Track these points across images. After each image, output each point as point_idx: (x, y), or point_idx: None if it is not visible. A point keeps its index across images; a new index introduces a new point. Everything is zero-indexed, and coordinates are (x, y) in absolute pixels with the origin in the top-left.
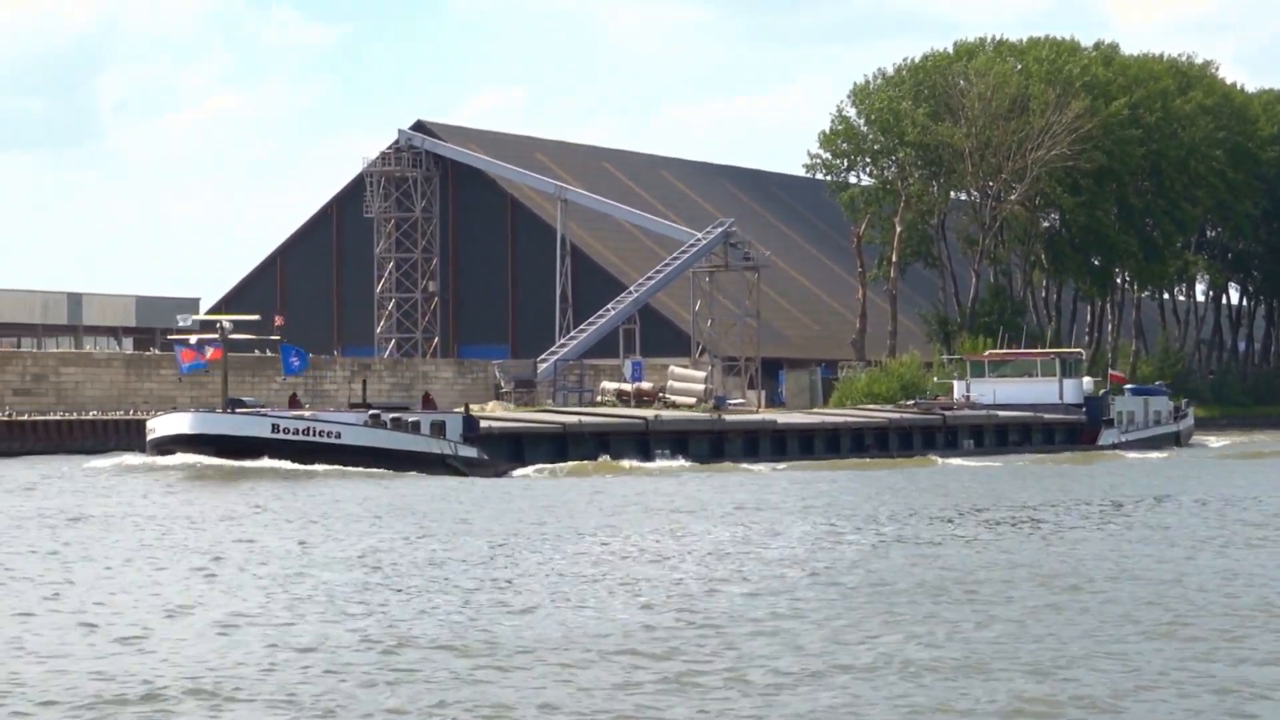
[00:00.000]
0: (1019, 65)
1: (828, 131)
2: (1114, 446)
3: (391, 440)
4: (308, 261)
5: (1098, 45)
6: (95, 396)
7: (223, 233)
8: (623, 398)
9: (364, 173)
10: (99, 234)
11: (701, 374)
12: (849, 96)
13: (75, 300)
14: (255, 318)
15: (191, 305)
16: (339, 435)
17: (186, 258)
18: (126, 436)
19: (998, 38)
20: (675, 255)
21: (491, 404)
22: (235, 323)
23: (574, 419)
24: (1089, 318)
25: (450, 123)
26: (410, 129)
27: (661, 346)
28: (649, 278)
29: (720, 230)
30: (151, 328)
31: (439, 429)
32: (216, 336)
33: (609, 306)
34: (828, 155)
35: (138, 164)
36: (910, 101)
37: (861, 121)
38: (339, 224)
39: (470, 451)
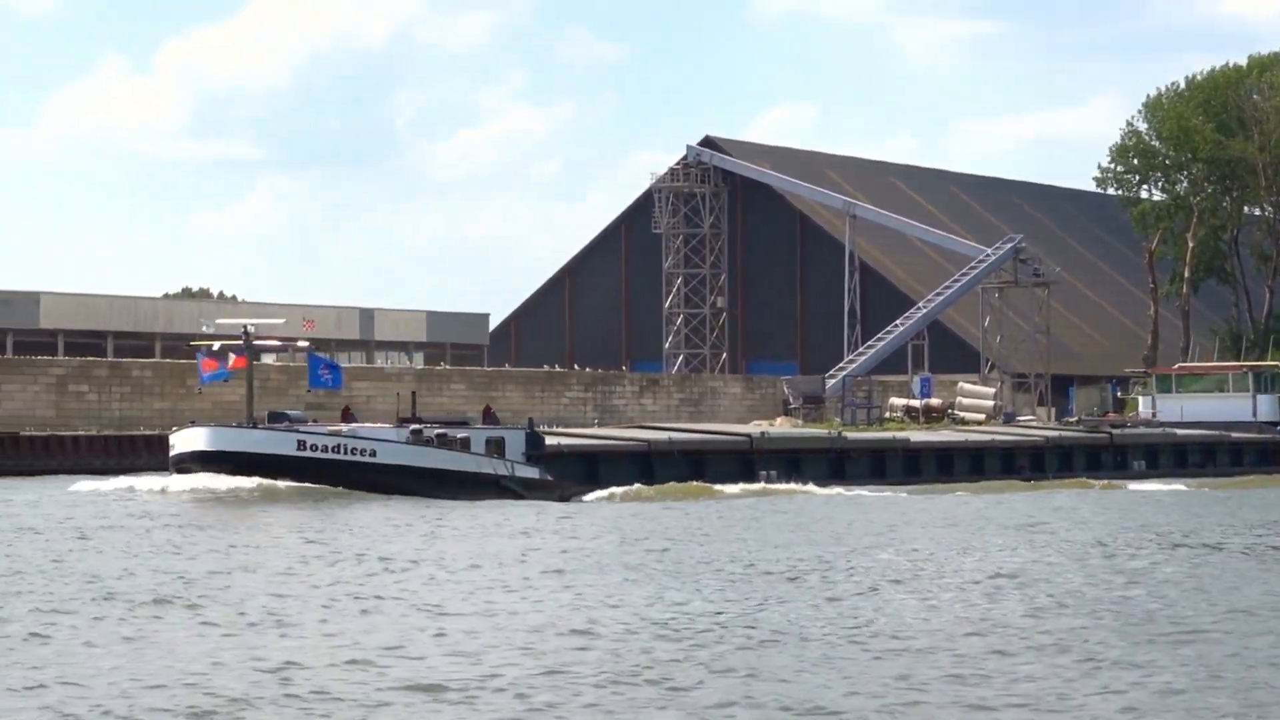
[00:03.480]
0: None
1: (1118, 145)
2: None
3: (435, 459)
4: (596, 277)
5: None
6: (387, 410)
7: (513, 248)
8: (911, 414)
9: (653, 188)
10: (391, 249)
11: (990, 390)
12: (1140, 110)
13: (367, 315)
14: (280, 321)
15: (481, 321)
16: (373, 453)
17: (477, 273)
18: None
19: None
20: (964, 271)
21: (779, 420)
22: (261, 328)
23: (663, 435)
24: None
25: (739, 138)
26: (699, 145)
27: (950, 363)
28: (938, 293)
29: (1010, 246)
30: (442, 343)
31: (496, 446)
32: (240, 343)
33: (897, 322)
34: (1119, 169)
35: (431, 181)
36: (1201, 116)
37: (1153, 136)
38: (628, 240)
39: (531, 472)
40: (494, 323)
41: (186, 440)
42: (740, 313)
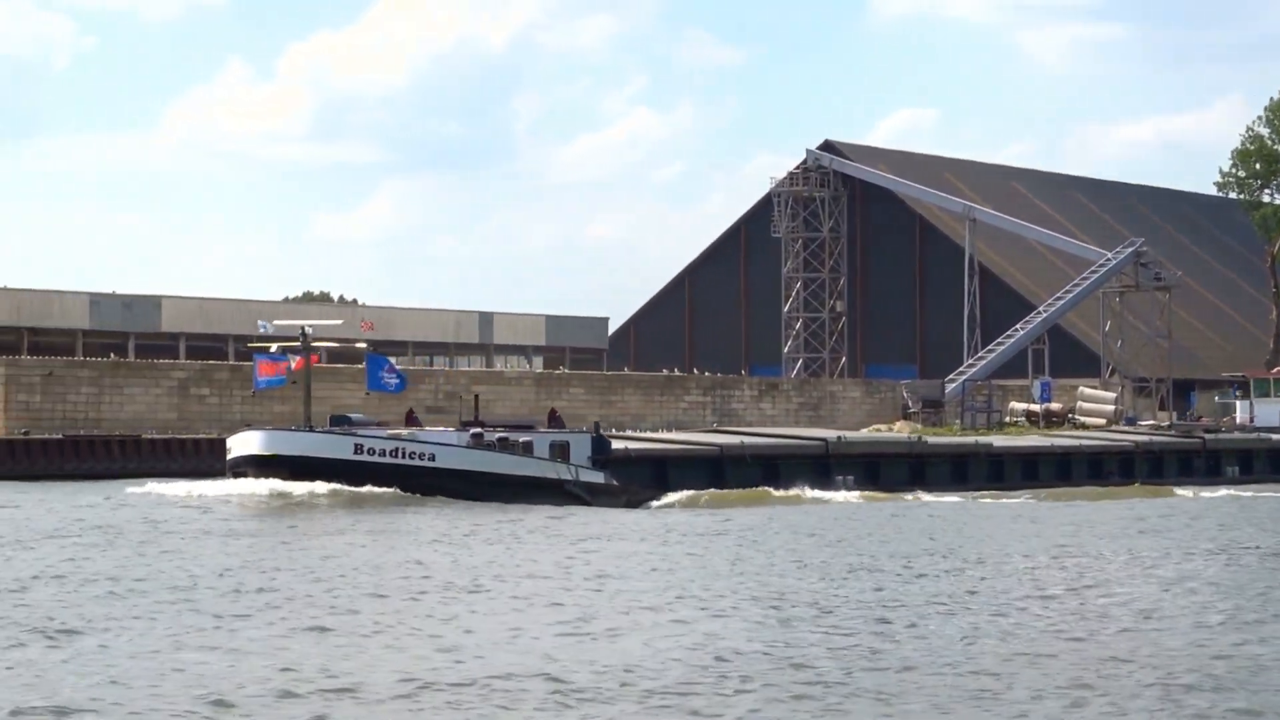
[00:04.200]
0: None
1: (1240, 149)
2: None
3: (496, 463)
4: (716, 281)
5: None
6: (505, 414)
7: (633, 252)
8: (1031, 418)
9: (772, 192)
10: (511, 253)
11: (1111, 395)
12: (1263, 114)
13: (486, 319)
14: (338, 322)
15: (600, 324)
16: (432, 457)
17: (596, 277)
18: None
19: None
20: (1085, 275)
21: (899, 424)
22: (319, 328)
23: (735, 440)
24: None
25: (859, 142)
26: (818, 149)
27: (1070, 367)
28: (1058, 298)
29: (1130, 250)
30: (561, 346)
31: (560, 451)
32: (299, 344)
33: (1017, 326)
34: (1240, 173)
35: (551, 185)
36: None
37: (1275, 140)
38: (747, 243)
39: (596, 476)
40: (613, 326)
41: (242, 444)
42: (859, 316)
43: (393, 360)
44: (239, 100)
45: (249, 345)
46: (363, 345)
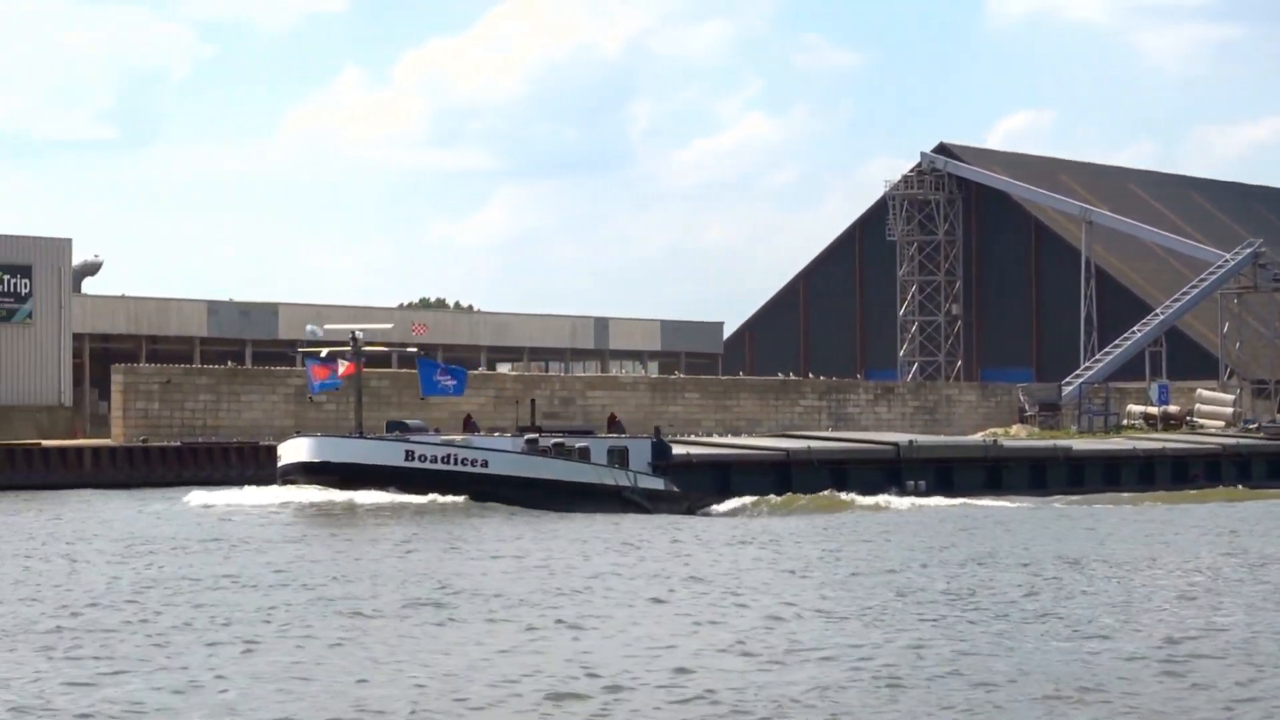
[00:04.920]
0: None
1: None
2: None
3: (550, 469)
4: (830, 285)
5: None
6: (620, 420)
7: (747, 257)
8: (1149, 421)
9: (886, 195)
10: (626, 259)
11: (1230, 397)
12: None
13: (602, 324)
14: (388, 326)
15: (715, 329)
16: (485, 464)
17: (711, 282)
18: None
19: None
20: (1202, 276)
21: (1015, 427)
22: (369, 332)
23: (802, 444)
24: None
25: (974, 145)
26: (933, 151)
27: (1188, 369)
28: (1175, 299)
29: (1249, 251)
30: (676, 351)
31: (618, 456)
32: (349, 349)
33: (1134, 329)
34: None
35: (666, 190)
36: None
37: None
38: (862, 247)
39: (655, 483)
40: (728, 331)
41: (292, 451)
42: (975, 320)
43: (440, 364)
44: (355, 107)
45: (299, 350)
46: (414, 350)
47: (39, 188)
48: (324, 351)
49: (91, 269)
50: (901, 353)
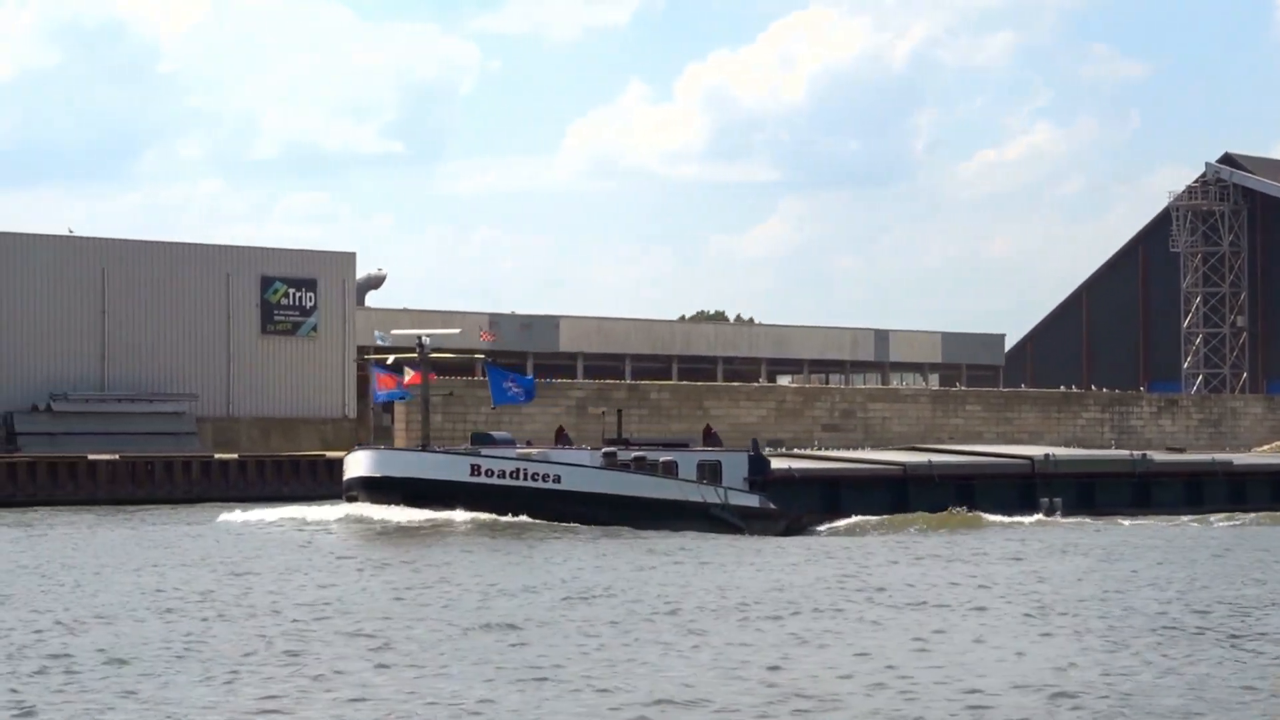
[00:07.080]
0: None
1: None
2: None
3: (629, 485)
4: (1112, 297)
5: None
6: (901, 432)
7: (1029, 268)
8: None
9: (1170, 207)
10: (908, 271)
11: None
12: None
13: (883, 337)
14: (456, 331)
15: (996, 341)
16: (558, 479)
17: (992, 294)
18: None
19: None
20: None
21: None
22: (436, 338)
23: (922, 459)
24: None
25: (1261, 155)
26: (1218, 162)
27: None
28: None
29: None
30: (956, 364)
31: (709, 471)
32: (416, 357)
33: None
34: None
35: (949, 202)
36: None
37: None
38: (1145, 258)
39: (749, 500)
40: (1009, 343)
41: (354, 465)
42: (1261, 331)
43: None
44: (638, 121)
45: (364, 358)
46: (481, 357)
47: (327, 200)
48: (390, 359)
49: (375, 282)
50: (1185, 365)
